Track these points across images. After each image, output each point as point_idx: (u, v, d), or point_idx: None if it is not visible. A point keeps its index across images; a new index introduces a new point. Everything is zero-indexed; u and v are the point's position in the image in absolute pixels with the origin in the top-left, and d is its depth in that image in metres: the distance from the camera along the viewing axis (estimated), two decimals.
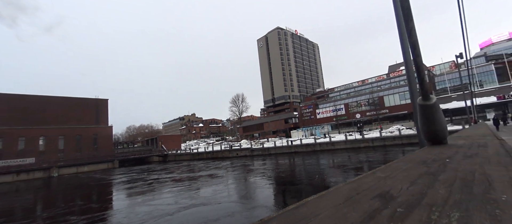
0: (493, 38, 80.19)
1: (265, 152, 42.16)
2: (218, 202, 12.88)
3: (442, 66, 64.12)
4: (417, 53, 1.83)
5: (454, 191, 0.81)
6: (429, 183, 0.94)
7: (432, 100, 2.13)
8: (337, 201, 0.84)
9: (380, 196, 0.88)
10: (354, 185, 1.09)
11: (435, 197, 0.77)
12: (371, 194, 0.91)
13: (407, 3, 1.64)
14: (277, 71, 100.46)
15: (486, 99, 43.10)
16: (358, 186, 1.07)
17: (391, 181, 1.06)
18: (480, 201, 0.68)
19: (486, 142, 2.38)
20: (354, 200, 0.87)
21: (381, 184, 1.04)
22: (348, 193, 0.97)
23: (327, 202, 0.84)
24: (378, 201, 0.79)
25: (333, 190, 1.06)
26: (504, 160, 1.28)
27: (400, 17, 4.49)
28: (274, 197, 13.68)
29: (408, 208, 0.70)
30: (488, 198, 0.70)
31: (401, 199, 0.78)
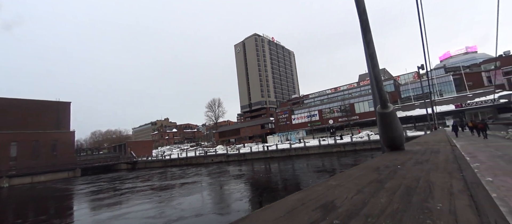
0: (451, 51, 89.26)
1: (241, 158, 41.83)
2: (194, 214, 12.33)
3: (406, 76, 69.42)
4: (374, 63, 1.87)
5: (395, 199, 0.78)
6: (374, 191, 0.91)
7: (390, 109, 2.19)
8: (279, 213, 0.80)
9: (323, 207, 0.81)
10: (303, 194, 1.03)
11: (375, 206, 0.75)
12: (315, 205, 0.85)
13: (365, 16, 1.67)
14: (254, 77, 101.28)
15: (446, 107, 47.31)
16: (306, 196, 1.00)
17: (339, 190, 1.01)
18: (415, 210, 0.67)
19: (439, 148, 2.51)
20: (296, 211, 0.79)
21: (329, 193, 0.99)
22: (293, 205, 0.90)
23: (269, 215, 0.79)
24: (320, 212, 0.79)
25: (280, 201, 0.98)
26: (450, 167, 1.31)
27: None
28: (250, 205, 13.50)
29: (345, 219, 0.70)
30: (424, 206, 0.70)
31: (342, 209, 0.75)
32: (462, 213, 0.64)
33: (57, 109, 57.44)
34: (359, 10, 1.68)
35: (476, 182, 0.95)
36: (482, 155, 9.19)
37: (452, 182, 0.99)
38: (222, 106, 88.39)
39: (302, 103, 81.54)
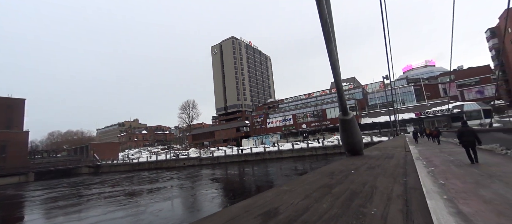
0: (413, 64, 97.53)
1: (214, 161, 41.10)
2: None
3: (373, 85, 74.16)
4: (336, 72, 1.93)
5: (336, 205, 0.78)
6: (321, 197, 0.91)
7: (350, 116, 2.28)
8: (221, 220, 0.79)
9: (265, 214, 0.78)
10: (250, 201, 0.99)
11: (315, 212, 0.75)
12: (258, 212, 0.82)
13: (327, 27, 1.72)
14: (231, 80, 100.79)
15: (407, 115, 51.36)
16: (254, 202, 0.97)
17: (289, 196, 1.00)
18: (351, 215, 0.68)
19: (394, 154, 2.68)
20: (237, 220, 0.78)
21: (278, 199, 0.96)
22: (237, 212, 0.86)
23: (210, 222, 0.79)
24: (260, 219, 0.77)
25: (224, 209, 0.94)
26: (397, 172, 1.38)
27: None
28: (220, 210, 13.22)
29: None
30: (360, 211, 0.70)
31: (283, 215, 0.74)
32: (392, 218, 0.65)
33: (8, 106, 51.49)
34: (321, 21, 1.73)
35: (415, 187, 1.00)
36: (437, 159, 10.08)
37: (394, 186, 1.03)
38: (197, 108, 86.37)
39: (277, 108, 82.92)
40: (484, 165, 7.52)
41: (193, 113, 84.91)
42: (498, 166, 7.17)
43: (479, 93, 54.66)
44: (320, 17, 1.66)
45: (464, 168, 7.35)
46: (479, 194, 4.56)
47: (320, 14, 1.65)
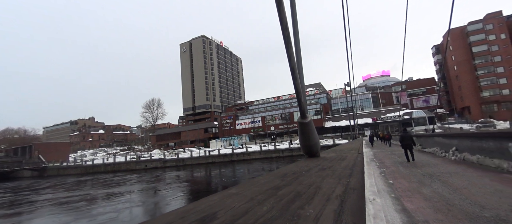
0: (371, 73, 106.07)
1: (179, 163, 39.53)
2: None
3: (337, 91, 78.76)
4: (295, 76, 1.96)
5: (276, 207, 0.76)
6: (265, 199, 0.89)
7: (308, 119, 2.35)
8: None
9: (201, 220, 0.77)
10: (191, 206, 0.92)
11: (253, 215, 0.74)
12: (194, 218, 0.78)
13: (287, 32, 1.73)
14: (200, 80, 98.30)
15: (365, 120, 55.47)
16: (194, 208, 0.90)
17: (233, 199, 0.96)
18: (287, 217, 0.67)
19: (347, 156, 2.83)
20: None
21: (220, 203, 0.91)
22: (173, 218, 0.79)
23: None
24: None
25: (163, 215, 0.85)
26: (345, 173, 1.43)
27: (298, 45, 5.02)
28: None
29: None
30: (297, 213, 0.69)
31: (219, 220, 0.73)
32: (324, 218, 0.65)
33: None
34: (282, 26, 1.73)
35: (354, 188, 1.02)
36: (388, 161, 11.04)
37: (337, 187, 1.04)
38: (162, 108, 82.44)
39: (247, 110, 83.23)
40: (426, 166, 8.46)
41: (158, 112, 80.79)
42: (437, 167, 8.13)
43: (425, 102, 61.70)
44: (280, 22, 1.67)
45: (410, 169, 8.17)
46: (421, 192, 5.08)
47: (281, 20, 1.66)
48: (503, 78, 53.54)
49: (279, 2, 1.65)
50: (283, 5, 1.68)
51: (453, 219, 3.34)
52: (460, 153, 9.17)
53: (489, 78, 54.56)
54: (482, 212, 3.46)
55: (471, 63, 56.55)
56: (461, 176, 6.22)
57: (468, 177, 6.01)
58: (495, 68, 54.31)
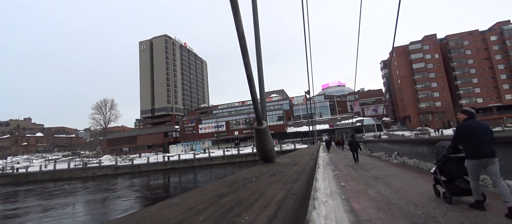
0: (330, 83, 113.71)
1: (134, 170, 36.62)
2: None
3: (298, 98, 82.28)
4: (251, 84, 1.99)
5: (214, 215, 0.74)
6: (204, 208, 0.86)
7: (264, 126, 2.40)
8: None
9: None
10: (124, 219, 0.84)
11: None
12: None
13: (243, 41, 1.74)
14: (161, 81, 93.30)
15: (323, 126, 58.98)
16: (126, 220, 0.82)
17: (172, 209, 0.90)
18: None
19: (301, 161, 2.95)
20: None
21: (156, 215, 0.84)
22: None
23: None
24: None
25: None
26: (292, 178, 1.47)
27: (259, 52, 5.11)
28: None
29: None
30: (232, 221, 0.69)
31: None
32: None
33: None
34: (238, 35, 1.74)
35: (295, 193, 1.05)
36: (341, 165, 11.86)
37: (279, 193, 1.06)
38: (116, 109, 75.59)
39: (211, 114, 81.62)
40: (373, 169, 9.31)
41: (111, 114, 73.93)
42: (382, 169, 9.00)
43: (374, 111, 68.49)
44: (237, 31, 1.67)
45: (359, 172, 8.90)
46: (368, 193, 5.56)
47: (237, 29, 1.66)
48: (436, 92, 62.55)
49: (236, 12, 1.66)
50: (239, 15, 1.70)
51: (392, 217, 3.71)
52: (400, 157, 10.32)
53: (425, 92, 63.17)
54: (415, 210, 3.93)
55: (411, 78, 64.82)
56: (401, 177, 6.98)
57: (406, 178, 6.78)
58: (430, 83, 63.18)
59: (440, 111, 61.09)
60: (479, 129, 3.72)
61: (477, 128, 3.73)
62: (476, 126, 3.76)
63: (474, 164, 3.67)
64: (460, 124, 3.97)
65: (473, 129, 3.74)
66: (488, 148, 3.58)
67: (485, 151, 3.58)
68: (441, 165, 4.34)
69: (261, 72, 4.72)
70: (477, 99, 60.21)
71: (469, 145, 3.74)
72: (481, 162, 3.61)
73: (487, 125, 3.84)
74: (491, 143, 3.63)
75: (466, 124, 3.86)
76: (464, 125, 3.88)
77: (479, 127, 3.74)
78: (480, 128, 3.73)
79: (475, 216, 3.41)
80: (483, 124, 3.83)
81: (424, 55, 64.19)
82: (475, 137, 3.68)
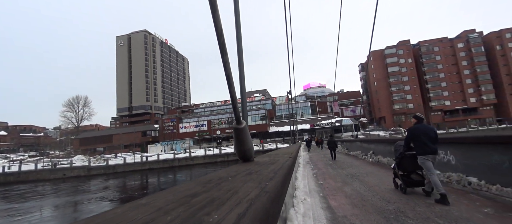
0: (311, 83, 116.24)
1: (109, 170, 34.91)
2: None
3: (281, 99, 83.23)
4: (230, 83, 1.97)
5: (182, 215, 0.72)
6: (174, 208, 0.83)
7: (243, 125, 2.39)
8: None
9: None
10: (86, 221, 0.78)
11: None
12: None
13: (222, 39, 1.72)
14: (139, 78, 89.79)
15: (305, 126, 60.14)
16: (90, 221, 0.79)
17: (138, 211, 0.85)
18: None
19: (279, 159, 2.98)
20: None
21: (120, 217, 0.80)
22: None
23: None
24: None
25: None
26: (268, 176, 1.48)
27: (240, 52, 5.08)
28: None
29: None
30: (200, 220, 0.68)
31: None
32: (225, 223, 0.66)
33: None
34: (217, 33, 1.71)
35: (268, 191, 1.05)
36: (321, 163, 12.17)
37: (253, 191, 1.06)
38: (90, 107, 71.43)
39: (192, 112, 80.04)
40: (350, 167, 9.66)
41: (84, 111, 69.77)
42: (358, 168, 9.37)
43: (352, 111, 71.13)
44: (215, 28, 1.65)
45: (337, 170, 9.19)
46: (344, 190, 5.75)
47: (216, 27, 1.63)
48: (409, 94, 66.30)
49: (214, 10, 1.64)
50: (218, 13, 1.67)
51: (365, 213, 3.88)
52: (375, 156, 10.81)
53: (399, 94, 66.73)
54: (387, 206, 4.13)
55: (387, 81, 68.14)
56: (375, 175, 7.30)
57: (380, 176, 7.11)
58: (403, 86, 66.81)
59: (412, 112, 64.74)
60: (424, 131, 4.45)
61: (422, 130, 4.46)
62: (422, 128, 4.49)
63: (422, 159, 4.35)
64: (411, 127, 4.68)
65: (419, 131, 4.47)
66: (431, 146, 4.31)
67: (429, 149, 4.30)
68: (398, 161, 5.01)
69: (242, 71, 4.70)
70: (445, 102, 64.72)
71: (417, 144, 4.47)
72: (427, 158, 4.31)
73: (432, 128, 4.55)
74: (434, 142, 4.35)
75: (415, 127, 4.58)
76: (413, 127, 4.59)
77: (425, 129, 4.47)
78: (425, 130, 4.47)
79: (440, 211, 3.65)
80: (428, 127, 4.54)
81: (399, 59, 67.78)
82: (421, 137, 4.40)
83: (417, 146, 4.51)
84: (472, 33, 65.82)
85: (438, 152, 4.44)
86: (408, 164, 4.87)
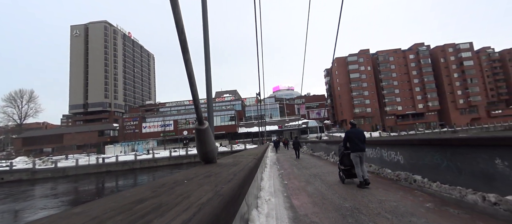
0: (280, 86, 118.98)
1: (58, 174, 31.35)
2: None
3: (250, 100, 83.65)
4: (192, 82, 1.88)
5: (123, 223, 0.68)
6: (112, 217, 0.72)
7: (205, 126, 2.31)
8: None
9: None
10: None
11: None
12: None
13: (183, 36, 1.64)
14: (98, 73, 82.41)
15: (273, 127, 61.23)
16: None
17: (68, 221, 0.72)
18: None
19: (243, 161, 2.94)
20: None
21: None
22: None
23: None
24: None
25: None
26: (226, 179, 1.43)
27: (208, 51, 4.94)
28: None
29: None
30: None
31: None
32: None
33: None
34: (177, 30, 1.62)
35: (223, 194, 1.01)
36: (286, 164, 12.48)
37: (207, 194, 1.00)
38: (36, 102, 63.51)
39: (157, 111, 76.09)
40: (313, 167, 10.07)
41: (29, 107, 61.77)
42: (321, 168, 9.82)
43: (318, 114, 74.66)
44: (176, 25, 1.55)
45: (302, 170, 9.51)
46: (307, 190, 5.95)
47: (176, 24, 1.54)
48: (368, 99, 71.84)
49: (175, 5, 1.55)
50: (178, 9, 1.59)
51: (325, 211, 4.05)
52: (336, 156, 11.44)
53: (359, 99, 71.92)
54: (344, 203, 4.37)
55: (349, 86, 72.96)
56: (335, 175, 7.69)
57: None
58: (363, 91, 72.21)
59: (370, 116, 70.50)
60: (355, 134, 5.81)
61: (355, 133, 5.82)
62: (355, 131, 5.86)
63: (353, 156, 5.74)
64: (347, 130, 5.99)
65: (353, 134, 5.83)
66: (360, 145, 5.71)
67: (358, 148, 5.68)
68: (340, 158, 6.29)
69: (209, 71, 4.56)
70: (398, 107, 71.61)
71: (350, 144, 5.83)
72: (357, 155, 5.65)
73: (361, 131, 5.91)
74: (363, 143, 5.75)
75: (349, 131, 5.95)
76: (348, 131, 5.98)
77: (356, 133, 5.83)
78: (357, 133, 5.83)
79: (390, 207, 3.98)
80: (359, 130, 5.91)
81: (359, 66, 73.14)
82: (354, 139, 5.77)
83: (351, 146, 5.82)
84: (421, 46, 74.04)
85: (366, 149, 5.80)
86: (347, 160, 6.03)
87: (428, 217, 3.41)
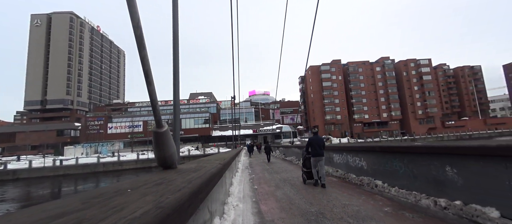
0: (256, 90, 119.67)
1: (7, 176, 27.96)
2: None
3: (226, 103, 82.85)
4: (149, 81, 1.74)
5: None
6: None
7: (164, 129, 2.16)
8: None
9: None
10: None
11: None
12: None
13: (139, 31, 1.51)
14: (59, 66, 75.67)
15: (248, 131, 61.14)
16: None
17: None
18: None
19: (207, 166, 2.81)
20: None
21: None
22: None
23: None
24: None
25: None
26: (177, 187, 1.31)
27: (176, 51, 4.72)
28: None
29: None
30: None
31: None
32: None
33: None
34: (133, 24, 1.48)
35: (164, 206, 0.90)
36: (258, 168, 12.45)
37: (143, 208, 0.88)
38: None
39: (125, 111, 71.82)
40: (284, 172, 10.15)
41: None
42: (291, 172, 9.93)
43: (292, 119, 76.42)
44: (131, 20, 1.41)
45: (272, 175, 9.53)
46: (275, 195, 5.94)
47: (132, 17, 1.40)
48: (338, 107, 75.33)
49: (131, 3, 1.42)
50: (135, 4, 1.46)
51: (291, 216, 4.05)
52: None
53: (330, 106, 75.13)
54: (310, 208, 4.42)
55: (321, 94, 75.90)
56: None
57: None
58: (334, 99, 75.59)
59: (339, 123, 73.95)
60: (316, 140, 6.56)
61: (315, 140, 6.58)
62: (315, 138, 6.64)
63: (313, 159, 6.52)
64: (309, 137, 6.76)
65: (313, 140, 6.61)
66: (319, 151, 6.45)
67: (318, 152, 6.44)
68: (303, 161, 7.08)
69: (177, 71, 4.35)
70: (365, 115, 76.11)
71: (311, 149, 6.61)
72: (316, 159, 6.43)
73: (321, 138, 6.69)
74: (321, 148, 6.50)
75: (311, 137, 6.73)
76: (310, 138, 6.75)
77: (317, 139, 6.59)
78: (317, 139, 6.59)
79: (352, 211, 4.10)
80: (319, 137, 6.67)
81: (331, 75, 76.62)
82: (313, 144, 6.54)
83: (312, 150, 6.56)
84: (387, 60, 79.88)
85: (324, 154, 6.55)
86: (309, 163, 6.77)
87: (386, 220, 3.57)
